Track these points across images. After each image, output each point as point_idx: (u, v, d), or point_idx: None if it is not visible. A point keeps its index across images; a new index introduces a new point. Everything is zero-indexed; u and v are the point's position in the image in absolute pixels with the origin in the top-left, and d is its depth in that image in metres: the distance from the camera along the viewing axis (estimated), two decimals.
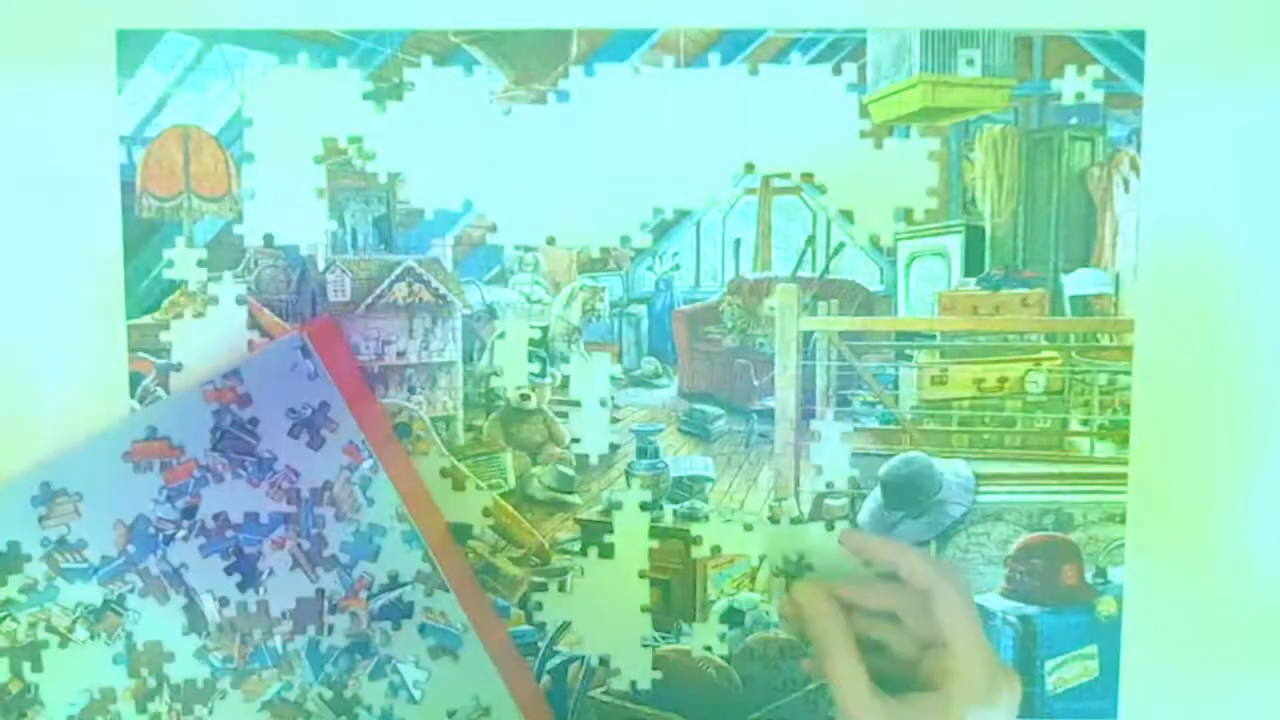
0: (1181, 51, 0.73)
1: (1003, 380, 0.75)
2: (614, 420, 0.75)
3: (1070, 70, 0.73)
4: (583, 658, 0.75)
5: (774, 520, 0.75)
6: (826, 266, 0.75)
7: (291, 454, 0.69)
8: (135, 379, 0.73)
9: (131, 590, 0.69)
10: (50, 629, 0.69)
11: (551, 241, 0.74)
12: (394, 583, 0.70)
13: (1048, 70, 0.73)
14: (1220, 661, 0.76)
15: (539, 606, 0.75)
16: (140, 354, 0.73)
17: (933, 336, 0.75)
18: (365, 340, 0.74)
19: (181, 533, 0.69)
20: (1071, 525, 0.75)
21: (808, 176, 0.74)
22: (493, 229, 0.73)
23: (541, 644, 0.75)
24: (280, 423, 0.68)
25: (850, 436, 0.75)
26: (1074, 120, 0.74)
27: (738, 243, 0.75)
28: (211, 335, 0.73)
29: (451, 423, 0.74)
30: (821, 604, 0.67)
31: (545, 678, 0.75)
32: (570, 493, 0.75)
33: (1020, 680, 0.64)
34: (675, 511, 0.75)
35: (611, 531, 0.75)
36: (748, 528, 0.75)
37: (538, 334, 0.75)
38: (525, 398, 0.74)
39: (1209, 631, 0.76)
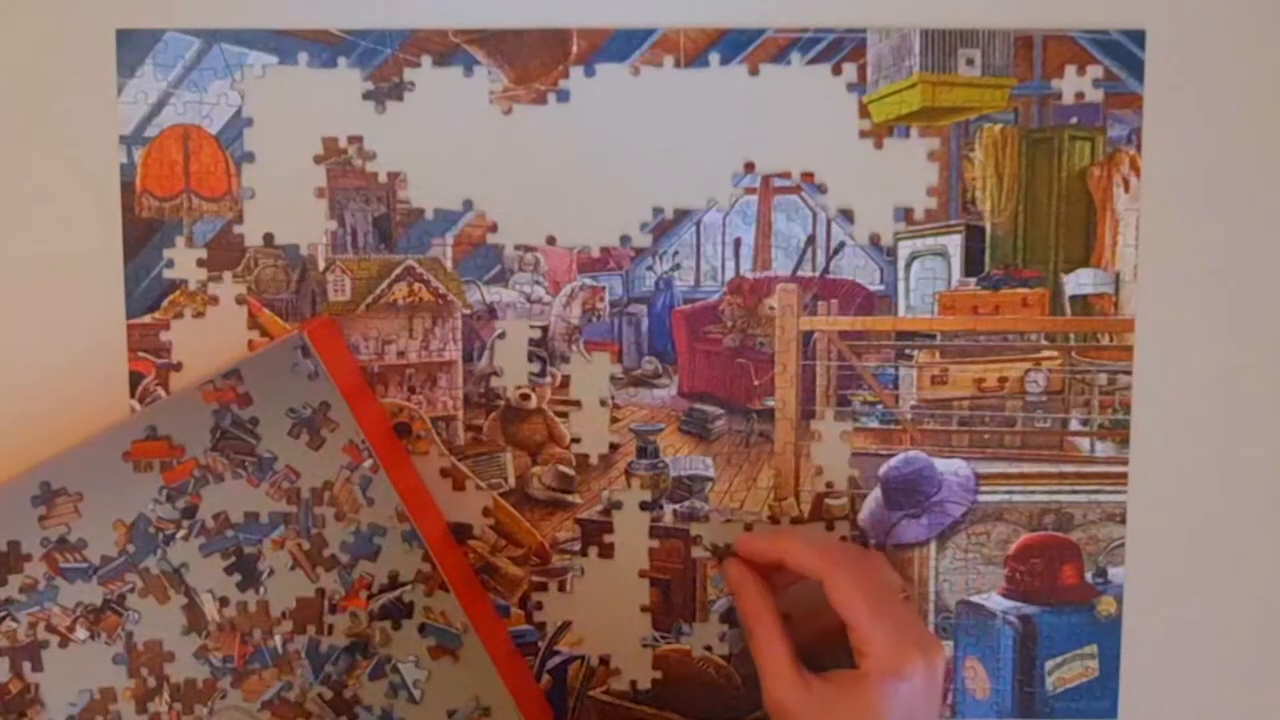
0: (1181, 51, 0.73)
1: (1003, 380, 0.75)
2: (614, 420, 0.75)
3: (1070, 70, 0.73)
4: (583, 658, 0.75)
5: (774, 520, 0.75)
6: (826, 266, 0.75)
7: (291, 454, 0.69)
8: (135, 379, 0.73)
9: (131, 590, 0.69)
10: (50, 629, 0.69)
11: (551, 241, 0.74)
12: (394, 583, 0.70)
13: (1048, 70, 0.73)
14: (1220, 661, 0.76)
15: (539, 606, 0.75)
16: (140, 354, 0.73)
17: (933, 336, 0.75)
18: (365, 340, 0.74)
19: (181, 533, 0.69)
20: (1071, 525, 0.75)
21: (808, 176, 0.74)
22: (493, 229, 0.73)
23: (541, 644, 0.75)
24: (280, 423, 0.68)
25: (850, 436, 0.75)
26: (1074, 120, 0.74)
27: (738, 243, 0.75)
28: (211, 335, 0.73)
29: (451, 423, 0.74)
30: (747, 580, 0.67)
31: (545, 678, 0.75)
32: (570, 493, 0.75)
33: (940, 646, 0.64)
34: (675, 511, 0.75)
35: (611, 531, 0.75)
36: (748, 528, 0.75)
37: (538, 334, 0.75)
38: (525, 398, 0.74)
39: (1209, 631, 0.76)
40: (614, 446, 0.75)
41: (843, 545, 0.72)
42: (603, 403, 0.75)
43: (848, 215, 0.74)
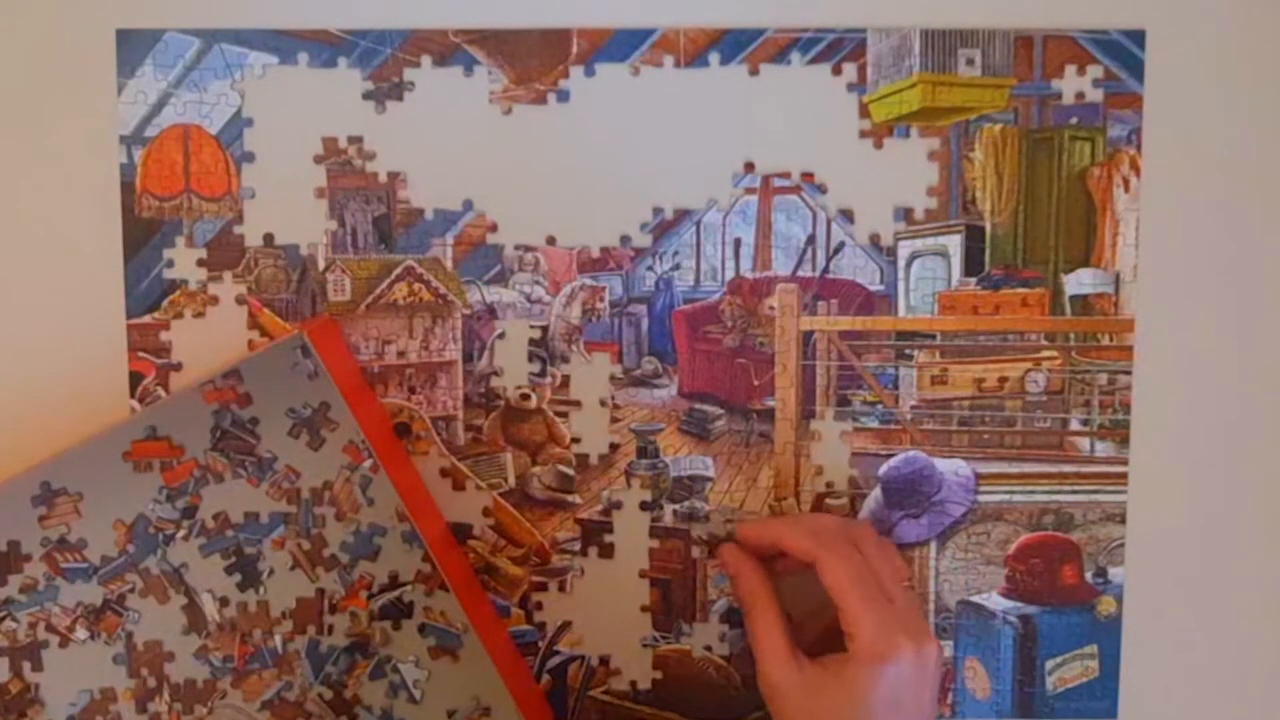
0: (1181, 51, 0.73)
1: (1003, 380, 0.75)
2: (614, 420, 0.75)
3: (1070, 70, 0.73)
4: (583, 658, 0.75)
5: None
6: (826, 266, 0.75)
7: (291, 454, 0.69)
8: (135, 379, 0.73)
9: (131, 590, 0.69)
10: (50, 629, 0.69)
11: (551, 241, 0.74)
12: (394, 583, 0.70)
13: (1048, 70, 0.73)
14: (1220, 661, 0.76)
15: (539, 606, 0.75)
16: (140, 354, 0.73)
17: (933, 336, 0.75)
18: (365, 340, 0.74)
19: (181, 533, 0.69)
20: (1071, 525, 0.75)
21: (808, 176, 0.74)
22: (493, 229, 0.74)
23: (541, 644, 0.75)
24: (280, 423, 0.68)
25: (850, 436, 0.75)
26: (1074, 120, 0.74)
27: (738, 243, 0.75)
28: (211, 335, 0.73)
29: (451, 423, 0.74)
30: (744, 565, 0.68)
31: (545, 678, 0.75)
32: (570, 493, 0.75)
33: (932, 637, 0.64)
34: (675, 511, 0.75)
35: (611, 531, 0.75)
36: None
37: (538, 334, 0.75)
38: (525, 398, 0.74)
39: (1209, 631, 0.76)
40: (614, 446, 0.75)
41: (843, 529, 0.68)
42: (603, 403, 0.75)
43: (848, 215, 0.74)
